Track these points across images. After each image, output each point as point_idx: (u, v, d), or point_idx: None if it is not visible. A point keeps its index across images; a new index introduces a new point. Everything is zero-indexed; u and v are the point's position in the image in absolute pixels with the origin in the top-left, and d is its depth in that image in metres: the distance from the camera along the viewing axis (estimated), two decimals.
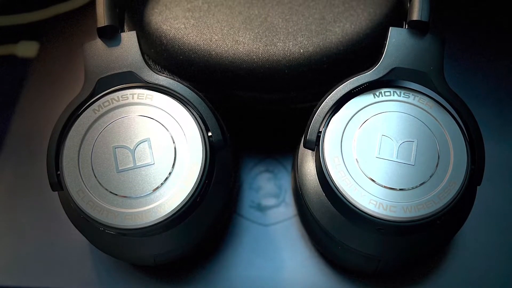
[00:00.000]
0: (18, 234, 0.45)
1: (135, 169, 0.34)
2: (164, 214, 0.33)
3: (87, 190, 0.33)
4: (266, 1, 0.41)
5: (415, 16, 0.35)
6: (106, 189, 0.33)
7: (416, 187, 0.33)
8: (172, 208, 0.33)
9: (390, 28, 0.36)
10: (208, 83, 0.40)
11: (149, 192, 0.33)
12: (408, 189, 0.33)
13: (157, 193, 0.33)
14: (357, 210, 0.32)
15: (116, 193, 0.33)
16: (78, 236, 0.37)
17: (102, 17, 0.35)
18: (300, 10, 0.40)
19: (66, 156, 0.34)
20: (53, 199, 0.37)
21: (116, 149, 0.34)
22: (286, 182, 0.45)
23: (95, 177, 0.34)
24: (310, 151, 0.37)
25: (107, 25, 0.35)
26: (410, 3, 0.36)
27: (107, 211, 0.33)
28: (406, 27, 0.36)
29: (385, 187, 0.33)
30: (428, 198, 0.33)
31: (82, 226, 0.36)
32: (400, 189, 0.33)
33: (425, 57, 0.35)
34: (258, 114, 0.45)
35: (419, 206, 0.32)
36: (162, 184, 0.33)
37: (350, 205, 0.33)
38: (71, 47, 0.53)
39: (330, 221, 0.35)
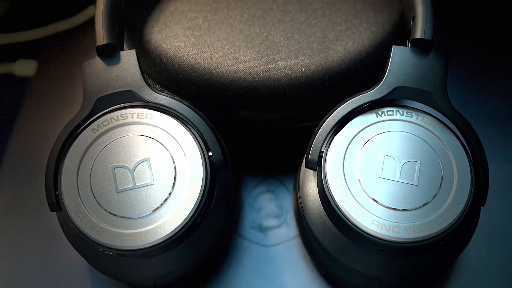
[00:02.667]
0: (17, 254, 0.45)
1: (135, 190, 0.33)
2: (164, 235, 0.32)
3: (86, 211, 0.33)
4: (267, 19, 0.41)
5: (418, 34, 0.35)
6: (105, 210, 0.33)
7: (419, 207, 0.32)
8: (172, 229, 0.32)
9: (393, 46, 0.35)
10: (209, 102, 0.40)
11: (148, 213, 0.33)
12: (411, 210, 0.32)
13: (157, 213, 0.33)
14: (360, 231, 0.32)
15: (115, 213, 0.33)
16: (77, 257, 0.36)
17: (101, 36, 0.35)
18: (301, 28, 0.40)
19: (64, 176, 0.34)
20: (51, 219, 0.37)
21: (116, 169, 0.34)
22: (287, 202, 0.45)
23: (94, 197, 0.33)
24: (312, 171, 0.37)
25: (106, 44, 0.35)
26: (413, 21, 0.36)
27: (106, 231, 0.32)
28: (409, 46, 0.35)
29: (387, 207, 0.32)
30: (432, 219, 0.32)
31: (80, 247, 0.36)
32: (403, 210, 0.32)
33: (429, 76, 0.35)
34: (259, 134, 0.44)
35: (422, 227, 0.32)
36: (162, 204, 0.33)
37: (352, 226, 0.32)
38: (70, 66, 0.53)
39: (332, 242, 0.35)
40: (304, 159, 0.35)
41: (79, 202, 0.33)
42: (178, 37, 0.40)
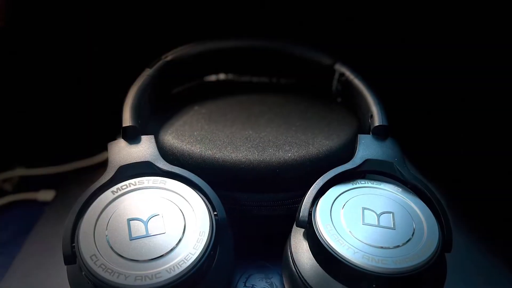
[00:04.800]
0: None
1: (147, 237, 0.36)
2: (173, 275, 0.34)
3: (100, 255, 0.35)
4: (261, 125, 0.49)
5: (377, 122, 0.45)
6: (118, 254, 0.35)
7: (401, 245, 0.37)
8: (180, 270, 0.35)
9: (358, 135, 0.45)
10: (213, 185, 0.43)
11: (158, 256, 0.35)
12: (395, 247, 0.37)
13: (167, 257, 0.35)
14: (354, 266, 0.36)
15: (127, 257, 0.35)
16: None
17: (127, 119, 0.43)
18: (284, 133, 0.48)
19: (82, 229, 0.37)
20: None
21: (130, 221, 0.37)
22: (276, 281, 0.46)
23: (109, 244, 0.36)
24: (302, 236, 0.41)
25: (130, 126, 0.42)
26: (371, 118, 0.46)
27: (118, 273, 0.34)
28: (371, 134, 0.45)
29: (374, 246, 0.37)
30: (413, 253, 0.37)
31: None
32: (387, 248, 0.37)
33: (390, 152, 0.43)
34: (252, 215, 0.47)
35: (407, 259, 0.36)
36: (171, 250, 0.36)
37: (348, 263, 0.36)
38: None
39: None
40: (295, 220, 0.40)
41: (94, 249, 0.36)
42: (186, 138, 0.47)
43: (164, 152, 0.46)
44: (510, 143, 0.58)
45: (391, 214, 0.39)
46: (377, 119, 0.45)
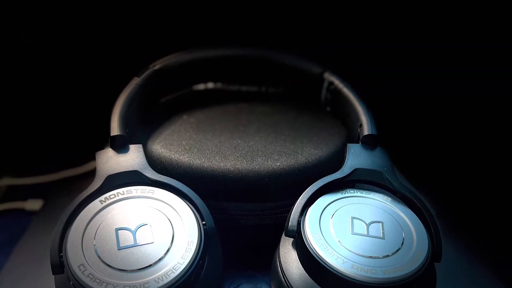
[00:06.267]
0: None
1: (135, 247, 0.36)
2: (162, 284, 0.34)
3: (88, 265, 0.35)
4: (249, 135, 0.49)
5: (366, 132, 0.44)
6: (106, 264, 0.35)
7: (391, 255, 0.37)
8: (170, 279, 0.35)
9: (347, 144, 0.44)
10: (201, 194, 0.43)
11: (146, 266, 0.35)
12: (384, 257, 0.37)
13: (155, 267, 0.35)
14: (343, 276, 0.35)
15: (115, 267, 0.35)
16: None
17: (115, 128, 0.43)
18: (273, 141, 0.48)
19: (70, 238, 0.36)
20: None
21: (119, 231, 0.37)
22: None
23: (97, 253, 0.36)
24: (291, 247, 0.41)
25: (118, 135, 0.42)
26: (360, 128, 0.46)
27: (105, 283, 0.34)
28: (360, 143, 0.44)
29: (363, 256, 0.37)
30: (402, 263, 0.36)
31: None
32: (384, 257, 0.37)
33: (379, 161, 0.43)
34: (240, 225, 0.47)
35: (396, 269, 0.36)
36: (160, 259, 0.36)
37: (336, 273, 0.36)
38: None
39: None
40: (284, 230, 0.40)
41: (82, 258, 0.35)
42: (174, 148, 0.47)
43: (152, 161, 0.46)
44: (499, 152, 0.58)
45: (381, 224, 0.39)
46: (366, 128, 0.45)
